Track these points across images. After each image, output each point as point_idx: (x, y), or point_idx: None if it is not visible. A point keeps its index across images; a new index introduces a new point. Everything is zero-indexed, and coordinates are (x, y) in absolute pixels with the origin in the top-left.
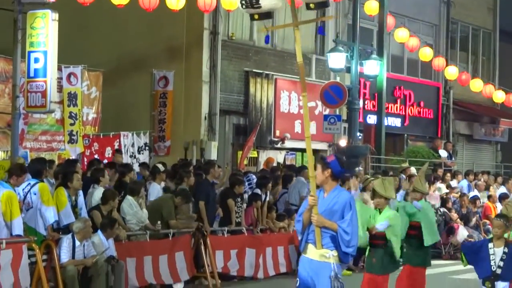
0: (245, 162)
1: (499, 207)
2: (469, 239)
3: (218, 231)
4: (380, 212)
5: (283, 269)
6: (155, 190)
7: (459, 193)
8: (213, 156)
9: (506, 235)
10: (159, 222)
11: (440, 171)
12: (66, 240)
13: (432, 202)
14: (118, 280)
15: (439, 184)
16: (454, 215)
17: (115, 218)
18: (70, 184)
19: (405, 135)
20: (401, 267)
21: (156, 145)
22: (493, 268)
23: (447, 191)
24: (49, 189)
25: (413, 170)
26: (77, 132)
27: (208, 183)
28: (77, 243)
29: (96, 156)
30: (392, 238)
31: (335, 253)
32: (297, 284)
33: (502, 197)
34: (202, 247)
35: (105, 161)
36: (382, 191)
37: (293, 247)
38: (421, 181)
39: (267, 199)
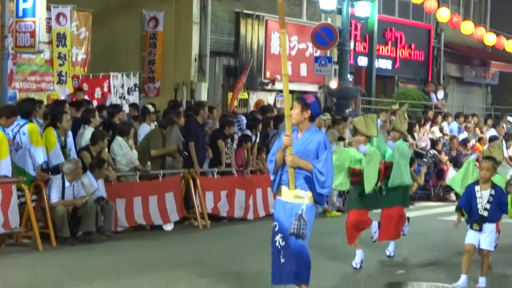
0: (235, 103)
1: None
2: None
3: (208, 172)
4: None
5: (273, 210)
6: (145, 131)
7: (449, 136)
8: (203, 97)
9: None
10: (149, 163)
11: (430, 113)
12: (56, 181)
13: (422, 144)
14: (108, 221)
15: (432, 128)
16: (444, 158)
17: (103, 159)
18: (59, 124)
19: (396, 77)
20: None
21: (146, 86)
22: (480, 211)
23: (441, 134)
24: (38, 130)
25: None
26: (66, 73)
27: (198, 124)
28: (67, 183)
29: (85, 97)
30: (367, 168)
31: (309, 194)
32: (276, 228)
33: (492, 140)
34: (192, 188)
35: (95, 102)
36: (363, 129)
37: None
38: (401, 120)
39: (257, 140)
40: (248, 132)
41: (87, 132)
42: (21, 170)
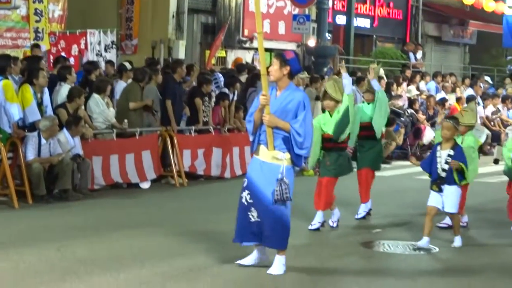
0: (213, 61)
1: None
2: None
3: (185, 130)
4: (330, 115)
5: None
6: (122, 88)
7: (427, 95)
8: (181, 55)
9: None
10: (126, 120)
11: (408, 72)
12: (32, 138)
13: (399, 103)
14: (84, 178)
15: (409, 87)
16: (421, 117)
17: (80, 116)
18: (35, 81)
19: (374, 36)
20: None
21: (123, 44)
22: (439, 171)
23: (418, 92)
24: (13, 86)
25: (381, 71)
26: (43, 29)
27: (175, 82)
28: (43, 141)
29: (62, 54)
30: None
31: (287, 155)
32: (244, 185)
33: (469, 99)
34: (169, 146)
35: (72, 59)
36: (333, 93)
37: None
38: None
39: (235, 98)
40: (226, 90)
41: (64, 89)
42: None
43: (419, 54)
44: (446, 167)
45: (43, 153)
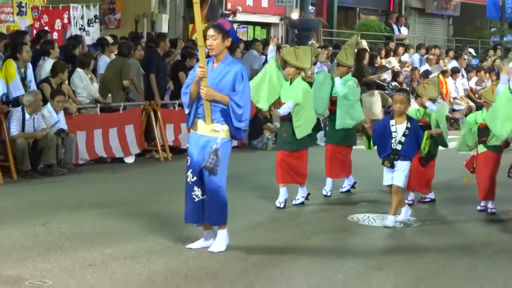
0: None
1: (449, 82)
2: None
3: (169, 104)
4: (290, 83)
5: (234, 143)
6: (104, 62)
7: (410, 67)
8: (164, 29)
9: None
10: (109, 95)
11: (392, 45)
12: (16, 113)
13: (383, 76)
14: (69, 153)
15: (390, 58)
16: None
17: (63, 90)
18: (19, 55)
19: (357, 8)
20: (323, 146)
21: (106, 18)
22: (394, 145)
23: (398, 64)
24: None
25: (364, 43)
26: (26, 4)
27: (159, 56)
28: (27, 116)
29: (46, 28)
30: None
31: (225, 127)
32: (188, 163)
33: (454, 71)
34: (153, 120)
35: (55, 33)
36: (293, 60)
37: None
38: (347, 54)
39: None
40: None
41: (47, 64)
42: None
43: (402, 26)
44: (403, 139)
45: (27, 128)
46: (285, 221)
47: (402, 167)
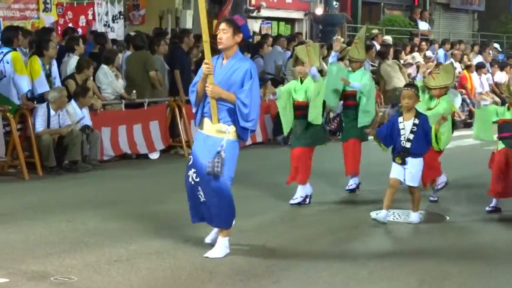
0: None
1: (474, 77)
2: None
3: None
4: (301, 82)
5: (259, 139)
6: None
7: (435, 63)
8: (188, 25)
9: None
10: (134, 91)
11: (416, 40)
12: (41, 109)
13: (409, 71)
14: (94, 149)
15: (414, 53)
16: None
17: (87, 87)
18: (45, 52)
19: (382, 3)
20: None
21: (130, 14)
22: (403, 143)
23: (422, 59)
24: (22, 58)
25: (389, 38)
26: (51, 1)
27: (183, 51)
28: (52, 112)
29: (70, 25)
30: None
31: (232, 128)
32: (190, 163)
33: (479, 67)
34: (178, 116)
35: (79, 30)
36: (305, 58)
37: (268, 117)
38: (358, 48)
39: None
40: None
41: (72, 60)
42: (5, 99)
43: (427, 21)
44: (411, 136)
45: (52, 124)
46: (307, 217)
47: (414, 165)
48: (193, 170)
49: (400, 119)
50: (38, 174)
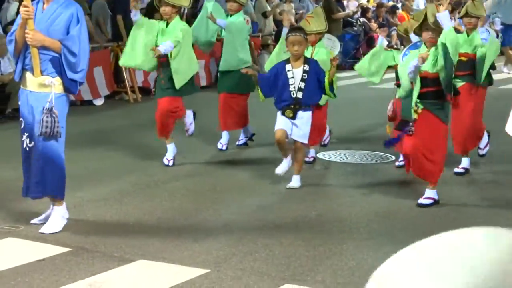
0: None
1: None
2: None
3: None
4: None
5: (203, 82)
6: None
7: (377, 3)
8: None
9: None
10: None
11: None
12: None
13: (350, 7)
14: None
15: None
16: (374, 25)
17: None
18: None
19: None
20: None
21: None
22: (293, 93)
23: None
24: None
25: None
26: None
27: None
28: None
29: None
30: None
31: (57, 80)
32: (21, 126)
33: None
34: None
35: None
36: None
37: (213, 60)
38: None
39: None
40: None
41: (12, 7)
42: None
43: None
44: (302, 85)
45: None
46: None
47: (304, 119)
48: (26, 134)
49: (288, 66)
50: None
